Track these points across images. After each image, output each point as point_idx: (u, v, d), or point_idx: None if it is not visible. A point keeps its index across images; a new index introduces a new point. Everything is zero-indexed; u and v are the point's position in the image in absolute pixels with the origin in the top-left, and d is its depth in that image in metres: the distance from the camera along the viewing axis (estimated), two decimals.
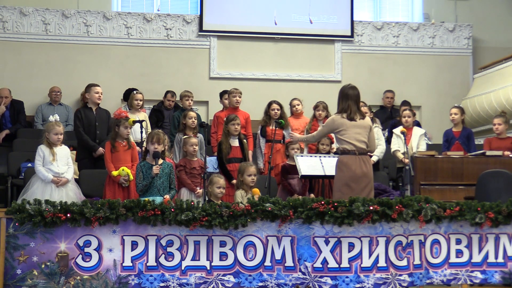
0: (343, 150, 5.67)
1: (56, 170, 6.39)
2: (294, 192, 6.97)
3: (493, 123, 7.93)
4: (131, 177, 6.54)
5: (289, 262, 4.48)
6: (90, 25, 10.53)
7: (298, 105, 8.57)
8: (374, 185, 7.48)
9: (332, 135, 7.46)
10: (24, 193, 6.36)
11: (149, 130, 7.22)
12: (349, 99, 5.75)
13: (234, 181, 6.82)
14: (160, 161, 5.90)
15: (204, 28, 10.78)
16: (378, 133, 8.22)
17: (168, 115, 9.31)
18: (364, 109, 8.23)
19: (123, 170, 6.56)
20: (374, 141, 5.86)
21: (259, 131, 8.08)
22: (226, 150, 7.11)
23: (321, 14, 11.03)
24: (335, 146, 7.62)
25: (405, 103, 10.26)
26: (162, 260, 4.42)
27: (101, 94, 7.48)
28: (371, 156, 7.95)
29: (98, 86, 7.51)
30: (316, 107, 8.27)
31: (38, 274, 4.30)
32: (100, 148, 7.12)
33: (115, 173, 6.56)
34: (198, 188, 6.71)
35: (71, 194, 6.40)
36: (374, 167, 8.01)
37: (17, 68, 10.25)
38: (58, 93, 9.88)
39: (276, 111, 7.97)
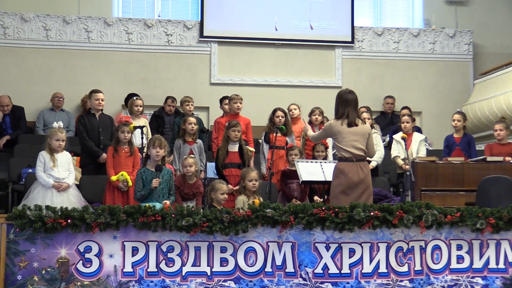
0: (341, 157, 5.61)
1: (56, 175, 6.39)
2: (291, 197, 6.95)
3: (494, 129, 7.91)
4: (130, 183, 6.55)
5: (289, 268, 4.48)
6: (91, 31, 10.54)
7: (295, 109, 8.57)
8: (374, 191, 7.52)
9: (327, 140, 7.49)
10: (25, 199, 6.36)
11: (150, 136, 7.22)
12: (348, 105, 5.63)
13: (229, 186, 6.80)
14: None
15: (204, 34, 10.80)
16: (377, 138, 8.22)
17: (169, 120, 9.32)
18: (365, 115, 8.26)
19: (121, 175, 6.57)
20: (373, 147, 5.79)
21: (263, 137, 8.09)
22: (222, 156, 7.12)
23: (321, 20, 11.04)
24: (330, 151, 7.63)
25: (405, 108, 10.26)
26: (162, 265, 4.42)
27: (102, 100, 7.46)
28: (369, 162, 8.01)
29: (100, 92, 7.51)
30: (312, 112, 8.32)
31: (39, 280, 4.30)
32: (104, 154, 7.10)
33: (113, 178, 6.58)
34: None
35: (72, 199, 6.39)
36: (373, 173, 8.03)
37: (18, 73, 10.26)
38: (61, 99, 9.89)
39: (280, 118, 7.97)
